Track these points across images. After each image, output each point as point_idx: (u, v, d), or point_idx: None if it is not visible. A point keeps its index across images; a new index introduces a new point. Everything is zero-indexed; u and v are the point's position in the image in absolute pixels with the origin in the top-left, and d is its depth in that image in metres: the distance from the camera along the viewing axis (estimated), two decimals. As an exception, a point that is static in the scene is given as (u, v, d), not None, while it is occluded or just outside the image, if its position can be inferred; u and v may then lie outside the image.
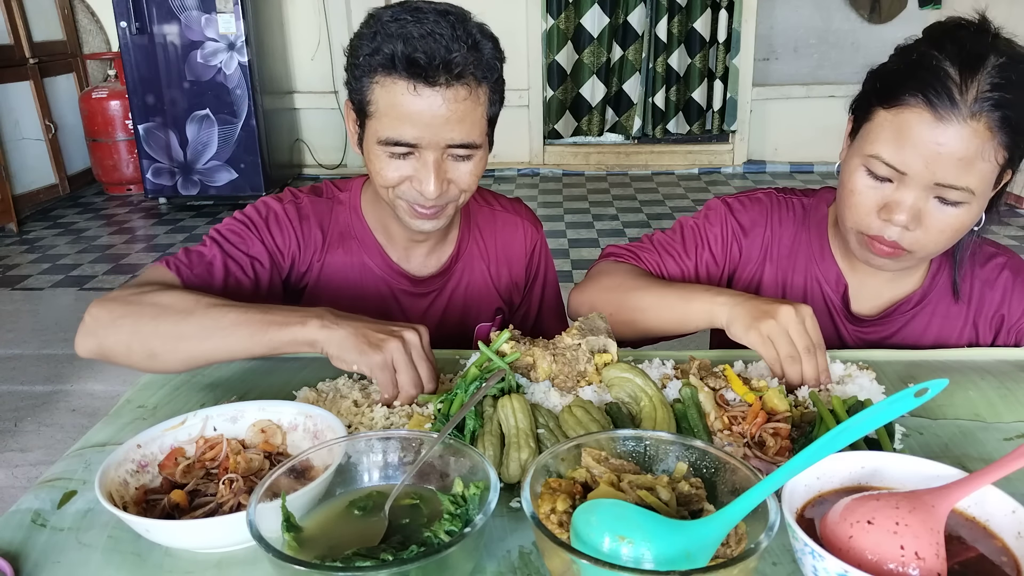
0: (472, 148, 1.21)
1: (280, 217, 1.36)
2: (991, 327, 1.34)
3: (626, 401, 1.04)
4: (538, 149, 6.44)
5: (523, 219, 1.52)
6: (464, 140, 1.19)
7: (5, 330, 3.76)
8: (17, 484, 2.61)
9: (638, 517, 0.71)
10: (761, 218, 1.40)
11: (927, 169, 1.08)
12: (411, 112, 1.15)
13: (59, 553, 0.86)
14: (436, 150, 1.18)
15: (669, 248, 1.42)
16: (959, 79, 1.05)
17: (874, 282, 1.33)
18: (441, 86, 1.14)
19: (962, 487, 0.75)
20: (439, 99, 1.14)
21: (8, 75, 5.33)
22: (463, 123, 1.17)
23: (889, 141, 1.10)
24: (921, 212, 1.12)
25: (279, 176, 5.86)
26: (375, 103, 1.18)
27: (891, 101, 1.10)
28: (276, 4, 5.85)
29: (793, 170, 6.34)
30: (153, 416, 1.13)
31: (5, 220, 5.12)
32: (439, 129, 1.16)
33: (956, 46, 1.07)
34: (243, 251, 1.31)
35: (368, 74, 1.17)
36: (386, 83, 1.15)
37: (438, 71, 1.13)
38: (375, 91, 1.17)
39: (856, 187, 1.16)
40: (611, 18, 6.06)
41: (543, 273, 1.56)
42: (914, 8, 6.00)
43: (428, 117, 1.15)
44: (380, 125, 1.18)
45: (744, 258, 1.41)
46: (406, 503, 0.82)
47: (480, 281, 1.48)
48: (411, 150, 1.19)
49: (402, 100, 1.15)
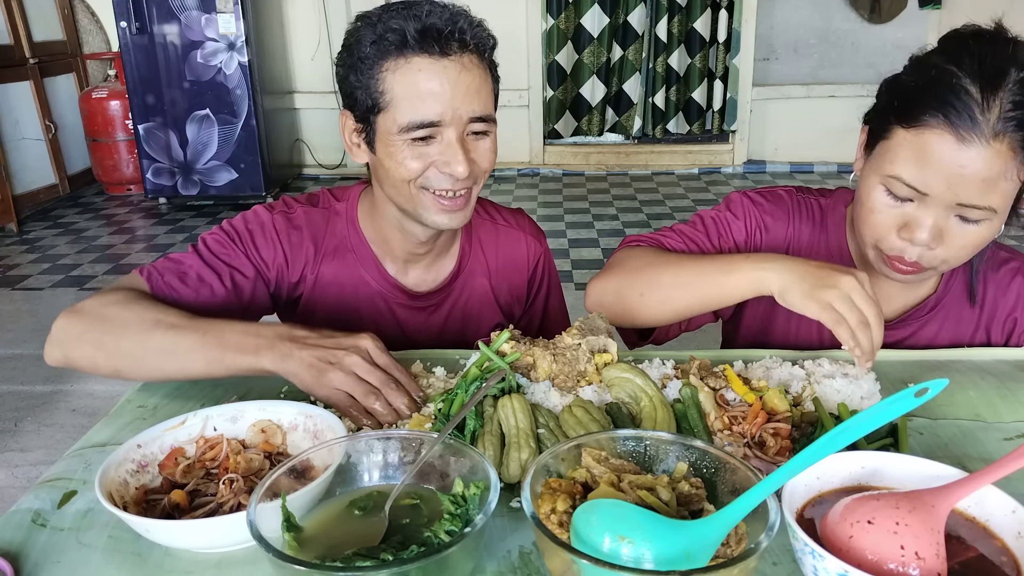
0: (490, 122, 1.22)
1: (267, 228, 1.34)
2: (1003, 331, 1.33)
3: (626, 401, 1.04)
4: (538, 149, 6.44)
5: (525, 233, 1.49)
6: (483, 112, 1.19)
7: (5, 330, 3.76)
8: (17, 484, 2.61)
9: (638, 517, 0.71)
10: (783, 215, 1.37)
11: (949, 190, 1.06)
12: (432, 88, 1.15)
13: (59, 553, 0.86)
14: (459, 126, 1.18)
15: (694, 236, 1.37)
16: (980, 98, 1.02)
17: (889, 287, 1.31)
18: (455, 54, 1.15)
19: (962, 487, 0.75)
20: (456, 68, 1.15)
21: (8, 75, 5.33)
22: (480, 94, 1.18)
23: (909, 161, 1.08)
24: (942, 230, 1.10)
25: (279, 176, 5.86)
26: (389, 91, 1.16)
27: (910, 121, 1.07)
28: (276, 4, 5.85)
29: (793, 170, 6.34)
30: (153, 416, 1.13)
31: (5, 220, 5.12)
32: (460, 101, 1.16)
33: (975, 61, 1.04)
34: (224, 262, 1.29)
35: (377, 63, 1.16)
36: (399, 65, 1.15)
37: (451, 39, 1.14)
38: (387, 79, 1.16)
39: (875, 206, 1.14)
40: (611, 18, 6.06)
41: (546, 286, 1.53)
42: (914, 8, 6.00)
43: (450, 89, 1.15)
44: (399, 112, 1.17)
45: (765, 250, 1.36)
46: (406, 503, 0.82)
47: (481, 296, 1.45)
48: (433, 132, 1.18)
49: (420, 77, 1.15)
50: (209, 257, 1.29)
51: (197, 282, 1.26)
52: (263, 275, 1.33)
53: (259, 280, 1.33)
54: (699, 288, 1.22)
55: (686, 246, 1.35)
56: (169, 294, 1.24)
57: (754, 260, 1.16)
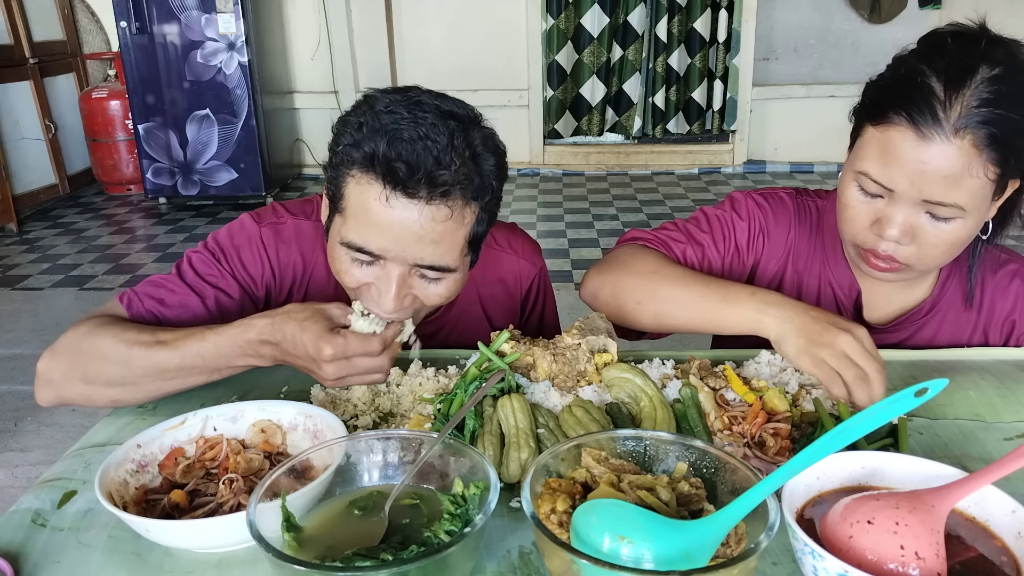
0: (444, 272, 1.09)
1: (254, 242, 1.28)
2: (1002, 333, 1.33)
3: (626, 401, 1.04)
4: (538, 149, 6.44)
5: (521, 258, 1.43)
6: (435, 263, 1.07)
7: (5, 330, 3.76)
8: (17, 484, 2.61)
9: (638, 517, 0.71)
10: (785, 219, 1.38)
11: (913, 187, 1.07)
12: (380, 221, 1.03)
13: (59, 553, 0.86)
14: (402, 265, 1.07)
15: (698, 237, 1.36)
16: (943, 95, 1.03)
17: (885, 289, 1.31)
18: (421, 200, 1.01)
19: (962, 487, 0.75)
20: (414, 214, 1.02)
21: (8, 75, 5.33)
22: (437, 245, 1.05)
23: (875, 158, 1.10)
24: (913, 227, 1.11)
25: (279, 176, 5.86)
26: (346, 199, 1.06)
27: (878, 118, 1.09)
28: (276, 4, 5.85)
29: (793, 170, 6.34)
30: (153, 416, 1.13)
31: (5, 220, 5.12)
32: (408, 245, 1.04)
33: (945, 59, 1.05)
34: (209, 283, 1.24)
35: (345, 164, 1.05)
36: (360, 182, 1.03)
37: (419, 184, 1.00)
38: (349, 186, 1.05)
39: (849, 201, 1.16)
40: (611, 18, 6.06)
41: (541, 305, 1.50)
42: (914, 8, 6.00)
43: (398, 230, 1.03)
44: (346, 227, 1.07)
45: (766, 256, 1.38)
46: (406, 503, 0.82)
47: (474, 327, 1.41)
48: (373, 260, 1.08)
49: (373, 206, 1.02)
50: (193, 279, 1.24)
51: (179, 308, 1.21)
52: (250, 293, 1.28)
53: (246, 299, 1.28)
54: (697, 312, 1.20)
55: (688, 249, 1.35)
56: (148, 319, 1.19)
57: (758, 299, 1.12)
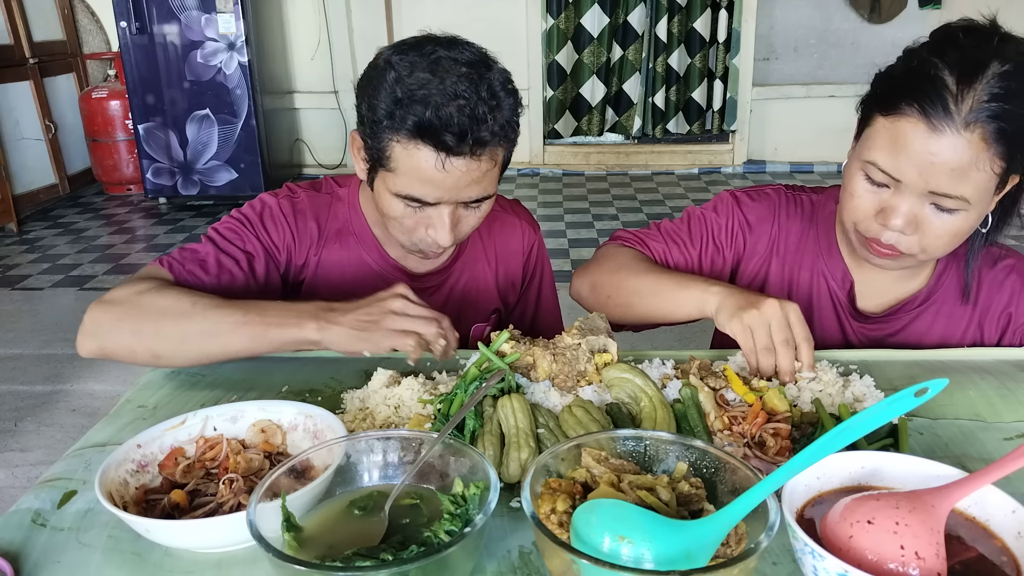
0: (484, 200, 1.24)
1: (275, 212, 1.38)
2: (997, 327, 1.34)
3: (626, 401, 1.04)
4: (538, 149, 6.44)
5: (521, 220, 1.54)
6: (481, 195, 1.21)
7: (5, 330, 3.76)
8: (17, 484, 2.61)
9: (638, 517, 0.71)
10: (768, 214, 1.41)
11: (920, 178, 1.08)
12: (434, 179, 1.15)
13: (59, 553, 0.86)
14: (452, 204, 1.20)
15: (675, 236, 1.43)
16: (955, 88, 1.04)
17: (880, 280, 1.33)
18: (466, 156, 1.14)
19: (962, 487, 0.75)
20: (463, 167, 1.15)
21: (8, 75, 5.33)
22: (482, 182, 1.19)
23: (885, 149, 1.11)
24: (918, 218, 1.13)
25: (279, 176, 5.85)
26: (395, 160, 1.17)
27: (889, 108, 1.10)
28: (276, 4, 5.85)
29: (793, 170, 6.34)
30: (153, 416, 1.13)
31: (5, 220, 5.12)
32: (459, 191, 1.18)
33: (957, 53, 1.06)
34: (238, 247, 1.33)
35: (389, 132, 1.15)
36: (408, 147, 1.14)
37: (465, 140, 1.12)
38: (395, 149, 1.16)
39: (855, 191, 1.17)
40: (611, 18, 6.06)
41: (540, 274, 1.58)
42: (914, 8, 6.00)
43: (451, 183, 1.16)
44: (399, 181, 1.18)
45: (748, 252, 1.41)
46: (406, 503, 0.82)
47: (479, 281, 1.49)
48: (428, 204, 1.20)
49: (424, 166, 1.15)
50: (224, 244, 1.32)
51: (217, 268, 1.30)
52: (275, 258, 1.37)
53: (271, 263, 1.37)
54: (654, 301, 1.29)
55: (665, 248, 1.42)
56: (192, 282, 1.27)
57: (705, 283, 1.23)
